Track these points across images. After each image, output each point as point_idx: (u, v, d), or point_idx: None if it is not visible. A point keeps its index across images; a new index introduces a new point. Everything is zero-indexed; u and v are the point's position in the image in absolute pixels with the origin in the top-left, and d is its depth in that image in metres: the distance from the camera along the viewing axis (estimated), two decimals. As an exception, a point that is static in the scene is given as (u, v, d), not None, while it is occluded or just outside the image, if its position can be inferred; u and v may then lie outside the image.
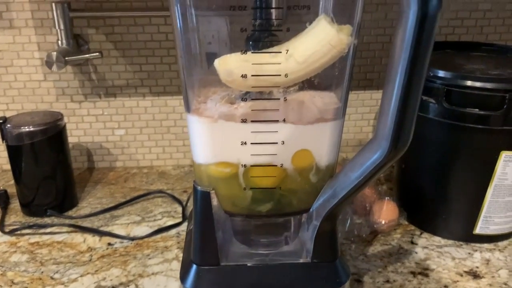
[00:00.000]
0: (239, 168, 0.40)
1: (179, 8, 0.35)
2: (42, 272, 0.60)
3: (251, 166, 0.40)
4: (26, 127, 0.69)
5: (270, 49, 0.36)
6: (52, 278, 0.59)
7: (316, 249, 0.43)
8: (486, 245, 0.65)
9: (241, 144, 0.39)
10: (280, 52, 0.35)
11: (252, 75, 0.36)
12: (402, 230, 0.69)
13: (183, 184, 0.83)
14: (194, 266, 0.44)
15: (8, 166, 0.84)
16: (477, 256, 0.63)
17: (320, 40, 0.34)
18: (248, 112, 0.38)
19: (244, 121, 0.38)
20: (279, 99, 0.37)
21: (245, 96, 0.37)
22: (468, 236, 0.65)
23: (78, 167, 0.89)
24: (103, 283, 0.58)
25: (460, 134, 0.61)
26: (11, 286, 0.58)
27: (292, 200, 0.42)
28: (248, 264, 0.44)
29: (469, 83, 0.57)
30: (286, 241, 0.46)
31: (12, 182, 0.74)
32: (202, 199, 0.42)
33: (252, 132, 0.38)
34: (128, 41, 0.80)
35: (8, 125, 0.69)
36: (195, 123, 0.39)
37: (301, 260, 0.44)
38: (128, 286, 0.57)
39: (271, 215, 0.44)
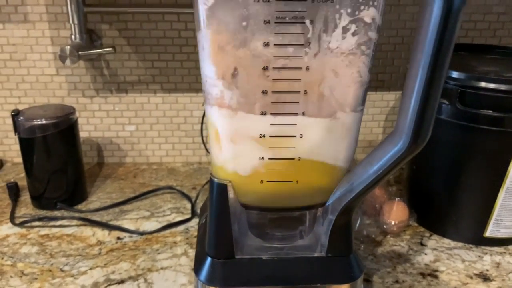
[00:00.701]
0: (257, 161, 0.40)
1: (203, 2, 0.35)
2: (52, 264, 0.60)
3: (269, 159, 0.40)
4: (38, 120, 0.69)
5: (293, 42, 0.36)
6: (61, 270, 0.59)
7: (331, 243, 0.43)
8: (496, 249, 0.65)
9: (260, 137, 0.39)
10: (303, 45, 0.35)
11: (274, 68, 0.36)
12: (411, 231, 0.69)
13: (192, 181, 0.83)
14: (209, 259, 0.44)
15: (18, 159, 0.84)
16: (487, 259, 0.63)
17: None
18: (268, 105, 0.38)
19: (263, 113, 0.38)
20: (299, 92, 0.37)
21: (265, 89, 0.37)
22: (478, 239, 0.65)
23: (88, 161, 0.89)
24: (112, 276, 0.58)
25: (473, 135, 0.60)
26: (21, 277, 0.58)
27: (308, 194, 0.42)
28: (263, 258, 0.44)
29: (483, 84, 0.57)
30: (301, 235, 0.46)
31: (23, 175, 0.74)
32: (219, 191, 0.42)
33: (271, 124, 0.38)
34: (141, 37, 0.81)
35: (21, 118, 0.69)
36: (212, 113, 0.39)
37: (316, 254, 0.44)
38: (137, 280, 0.57)
39: (287, 209, 0.44)
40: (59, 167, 0.72)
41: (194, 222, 0.70)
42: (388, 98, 0.87)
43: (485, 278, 0.59)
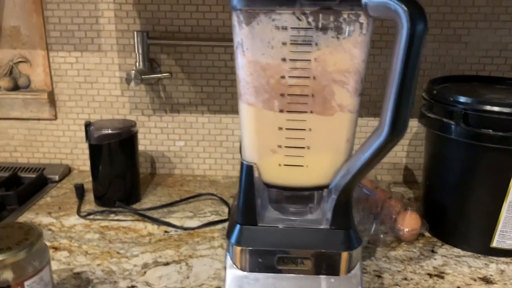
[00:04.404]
0: (276, 148, 0.51)
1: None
2: (110, 248, 0.71)
3: (285, 147, 0.51)
4: (105, 130, 0.82)
5: (303, 57, 0.47)
6: (118, 253, 0.70)
7: (334, 218, 0.52)
8: (503, 259, 0.70)
9: (278, 129, 0.50)
10: (310, 60, 0.47)
11: (289, 77, 0.48)
12: (424, 240, 0.75)
13: (230, 191, 0.93)
14: (238, 226, 0.54)
15: (84, 167, 0.98)
16: (492, 267, 0.68)
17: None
18: (285, 104, 0.49)
19: (281, 111, 0.49)
20: (308, 95, 0.48)
21: (283, 92, 0.49)
22: (485, 249, 0.70)
23: (142, 171, 0.99)
24: (159, 260, 0.68)
25: (478, 153, 0.67)
26: (85, 255, 0.69)
27: (316, 177, 0.53)
28: (280, 227, 0.54)
29: (487, 107, 0.63)
30: (310, 211, 0.56)
31: (87, 180, 0.86)
32: (247, 171, 0.52)
33: (287, 120, 0.49)
34: (193, 66, 0.93)
35: (92, 128, 0.83)
36: (244, 109, 0.51)
37: (322, 227, 0.53)
38: (180, 263, 0.67)
39: (299, 188, 0.54)
40: (120, 172, 0.84)
41: (230, 222, 0.80)
42: (411, 124, 0.94)
43: (487, 281, 0.64)
